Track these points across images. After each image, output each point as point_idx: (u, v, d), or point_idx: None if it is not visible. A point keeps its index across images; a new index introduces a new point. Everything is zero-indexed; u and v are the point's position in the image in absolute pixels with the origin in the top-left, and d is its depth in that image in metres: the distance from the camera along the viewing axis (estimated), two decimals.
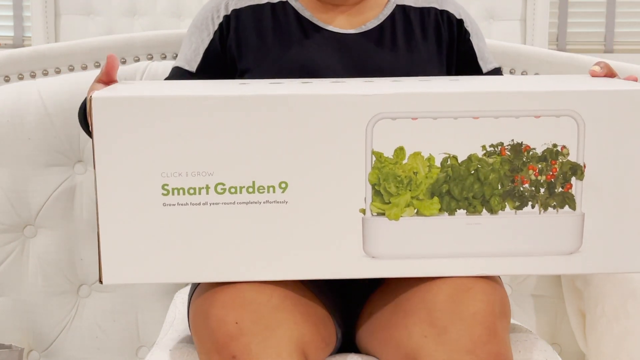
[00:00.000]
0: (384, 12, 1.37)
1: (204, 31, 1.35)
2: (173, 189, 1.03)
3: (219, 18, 1.35)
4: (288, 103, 1.02)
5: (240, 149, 1.03)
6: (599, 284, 1.55)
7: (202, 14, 1.37)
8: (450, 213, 1.07)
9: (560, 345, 1.72)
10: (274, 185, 1.04)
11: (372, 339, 1.19)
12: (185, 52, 1.37)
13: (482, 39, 1.42)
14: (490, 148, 1.05)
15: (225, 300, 1.07)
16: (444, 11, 1.38)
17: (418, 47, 1.35)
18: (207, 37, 1.35)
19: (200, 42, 1.35)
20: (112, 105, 1.02)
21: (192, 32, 1.37)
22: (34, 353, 1.65)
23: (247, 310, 1.06)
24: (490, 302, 1.07)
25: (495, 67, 1.42)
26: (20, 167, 1.59)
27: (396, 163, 1.05)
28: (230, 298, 1.07)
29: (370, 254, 1.07)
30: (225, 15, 1.35)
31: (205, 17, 1.36)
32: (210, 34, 1.35)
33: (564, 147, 1.06)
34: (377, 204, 1.05)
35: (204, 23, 1.36)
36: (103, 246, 1.05)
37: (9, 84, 1.61)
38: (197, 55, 1.35)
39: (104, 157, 1.02)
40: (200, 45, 1.35)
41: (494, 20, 3.33)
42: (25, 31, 3.44)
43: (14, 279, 1.62)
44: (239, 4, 1.35)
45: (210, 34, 1.35)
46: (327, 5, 1.35)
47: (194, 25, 1.38)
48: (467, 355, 1.03)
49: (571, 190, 1.07)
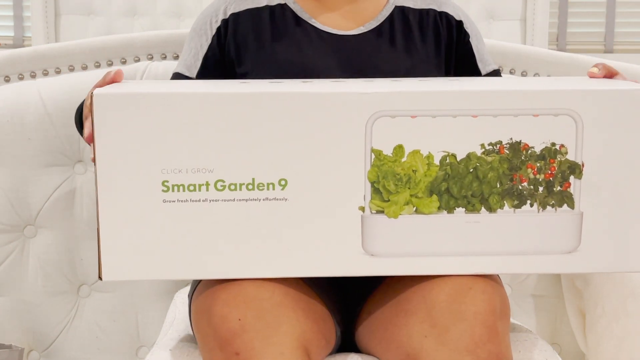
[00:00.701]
0: (383, 13, 1.36)
1: (202, 36, 1.35)
2: (173, 185, 1.04)
3: (217, 22, 1.35)
4: (288, 100, 1.03)
5: (240, 146, 1.03)
6: (599, 284, 1.55)
7: (200, 19, 1.37)
8: (449, 211, 1.07)
9: (560, 345, 1.72)
10: (274, 182, 1.04)
11: (372, 338, 1.19)
12: (185, 58, 1.37)
13: (481, 40, 1.42)
14: (489, 146, 1.05)
15: (227, 298, 1.07)
16: (442, 13, 1.38)
17: (417, 48, 1.35)
18: (206, 43, 1.35)
19: (199, 47, 1.35)
20: (113, 101, 1.02)
21: (192, 37, 1.37)
22: (34, 353, 1.66)
23: (250, 307, 1.06)
24: (491, 302, 1.07)
25: (495, 69, 1.41)
26: (20, 167, 1.59)
27: (395, 161, 1.05)
28: (232, 295, 1.07)
29: (369, 252, 1.07)
30: (224, 19, 1.35)
31: (204, 22, 1.36)
32: (208, 39, 1.35)
33: (562, 146, 1.06)
34: (376, 201, 1.06)
35: (203, 28, 1.36)
36: (103, 242, 1.05)
37: (9, 84, 1.61)
38: (197, 61, 1.35)
39: (104, 153, 1.03)
40: (199, 51, 1.35)
41: (494, 20, 3.33)
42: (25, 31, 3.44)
43: (14, 279, 1.62)
44: (237, 8, 1.35)
45: (208, 39, 1.35)
46: (326, 6, 1.35)
47: (193, 30, 1.38)
48: (468, 355, 1.03)
49: (570, 189, 1.07)
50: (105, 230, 1.05)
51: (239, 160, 1.03)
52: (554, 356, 1.23)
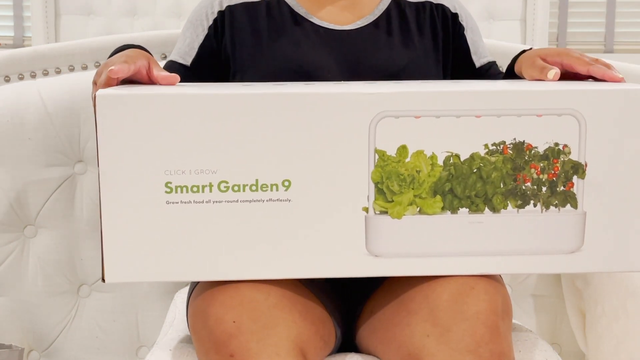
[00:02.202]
0: (380, 7, 1.36)
1: (198, 27, 1.35)
2: (176, 186, 1.03)
3: (213, 14, 1.35)
4: (291, 101, 1.02)
5: (243, 147, 1.03)
6: (599, 284, 1.55)
7: (196, 11, 1.38)
8: (452, 212, 1.07)
9: (560, 345, 1.72)
10: (277, 183, 1.04)
11: (373, 338, 1.19)
12: (179, 47, 1.37)
13: (477, 33, 1.42)
14: (493, 147, 1.05)
15: (223, 300, 1.07)
16: (439, 5, 1.38)
17: (414, 43, 1.35)
18: (202, 33, 1.35)
19: (195, 37, 1.35)
20: (116, 102, 1.02)
21: (187, 28, 1.37)
22: (34, 353, 1.65)
23: (246, 309, 1.06)
24: (493, 302, 1.07)
25: (490, 60, 1.41)
26: (20, 167, 1.58)
27: (399, 161, 1.05)
28: (228, 297, 1.07)
29: (373, 253, 1.07)
30: (220, 11, 1.35)
31: (200, 14, 1.36)
32: (204, 29, 1.35)
33: (565, 146, 1.06)
34: (380, 202, 1.05)
35: (199, 19, 1.36)
36: (106, 244, 1.05)
37: (9, 84, 1.61)
38: (192, 50, 1.35)
39: (108, 154, 1.02)
40: (195, 40, 1.35)
41: (494, 20, 3.33)
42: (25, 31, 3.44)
43: (14, 279, 1.61)
44: (233, 1, 1.35)
45: (204, 29, 1.35)
46: (322, 0, 1.35)
47: (189, 21, 1.38)
48: (470, 354, 1.03)
49: (573, 189, 1.07)
50: (108, 232, 1.04)
51: (243, 161, 1.03)
52: (554, 356, 1.23)
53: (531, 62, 1.20)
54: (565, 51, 1.18)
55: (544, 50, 1.21)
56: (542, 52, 1.21)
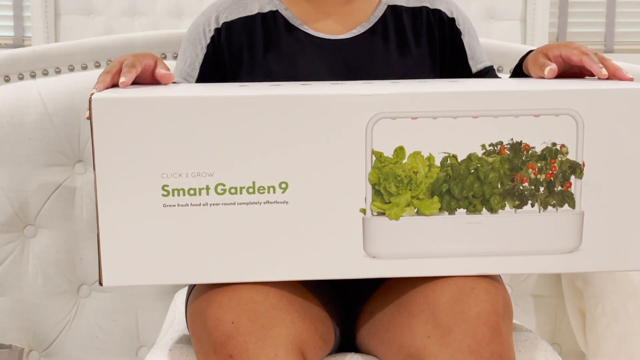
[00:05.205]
0: (375, 14, 1.36)
1: (197, 46, 1.35)
2: (173, 189, 1.03)
3: (210, 32, 1.34)
4: (288, 103, 1.02)
5: (240, 149, 1.03)
6: (599, 284, 1.55)
7: (193, 29, 1.37)
8: (450, 212, 1.07)
9: (560, 345, 1.72)
10: (274, 185, 1.04)
11: (373, 338, 1.19)
12: (181, 68, 1.36)
13: (474, 37, 1.41)
14: (490, 147, 1.05)
15: (222, 301, 1.07)
16: (435, 10, 1.37)
17: (411, 51, 1.34)
18: (201, 52, 1.34)
19: (195, 56, 1.35)
20: (112, 106, 1.02)
21: (186, 47, 1.37)
22: (34, 353, 1.66)
23: (244, 310, 1.06)
24: (494, 302, 1.07)
25: (487, 65, 1.40)
26: (20, 167, 1.59)
27: (396, 163, 1.05)
28: (227, 298, 1.07)
29: (371, 254, 1.07)
30: (216, 28, 1.34)
31: (197, 32, 1.35)
32: (203, 48, 1.34)
33: (563, 146, 1.06)
34: (377, 203, 1.05)
35: (197, 38, 1.35)
36: (103, 248, 1.05)
37: (9, 84, 1.61)
38: (194, 71, 1.35)
39: (104, 158, 1.02)
40: (196, 60, 1.35)
41: (494, 20, 3.32)
42: (25, 31, 3.44)
43: (14, 279, 1.62)
44: (229, 16, 1.34)
45: (203, 48, 1.34)
46: (319, 11, 1.34)
47: (187, 40, 1.37)
48: (471, 355, 1.03)
49: (570, 188, 1.07)
50: (105, 235, 1.04)
51: (239, 163, 1.03)
52: (554, 356, 1.23)
53: (534, 59, 1.20)
54: (565, 44, 1.18)
55: (547, 46, 1.22)
56: (545, 48, 1.21)
